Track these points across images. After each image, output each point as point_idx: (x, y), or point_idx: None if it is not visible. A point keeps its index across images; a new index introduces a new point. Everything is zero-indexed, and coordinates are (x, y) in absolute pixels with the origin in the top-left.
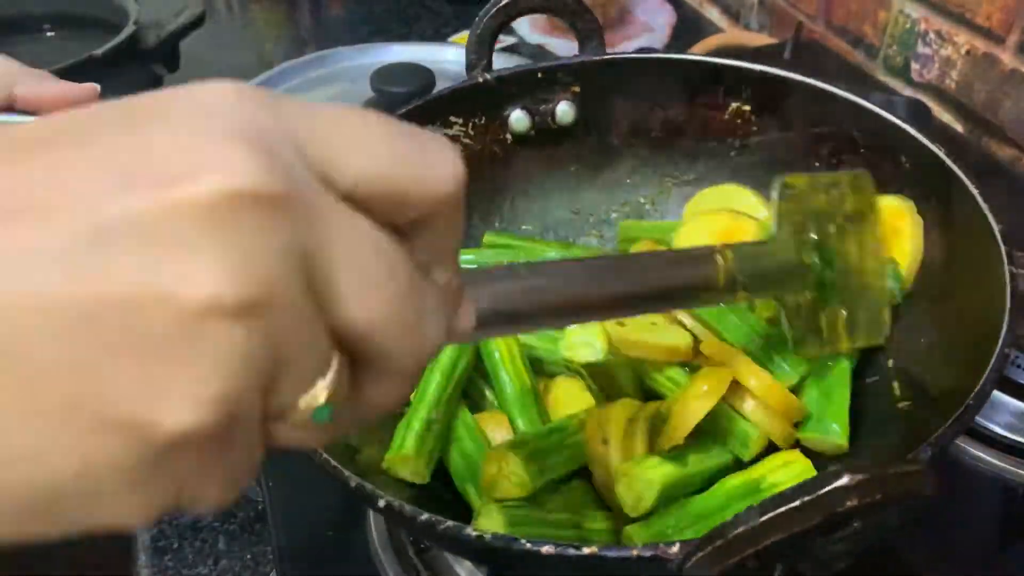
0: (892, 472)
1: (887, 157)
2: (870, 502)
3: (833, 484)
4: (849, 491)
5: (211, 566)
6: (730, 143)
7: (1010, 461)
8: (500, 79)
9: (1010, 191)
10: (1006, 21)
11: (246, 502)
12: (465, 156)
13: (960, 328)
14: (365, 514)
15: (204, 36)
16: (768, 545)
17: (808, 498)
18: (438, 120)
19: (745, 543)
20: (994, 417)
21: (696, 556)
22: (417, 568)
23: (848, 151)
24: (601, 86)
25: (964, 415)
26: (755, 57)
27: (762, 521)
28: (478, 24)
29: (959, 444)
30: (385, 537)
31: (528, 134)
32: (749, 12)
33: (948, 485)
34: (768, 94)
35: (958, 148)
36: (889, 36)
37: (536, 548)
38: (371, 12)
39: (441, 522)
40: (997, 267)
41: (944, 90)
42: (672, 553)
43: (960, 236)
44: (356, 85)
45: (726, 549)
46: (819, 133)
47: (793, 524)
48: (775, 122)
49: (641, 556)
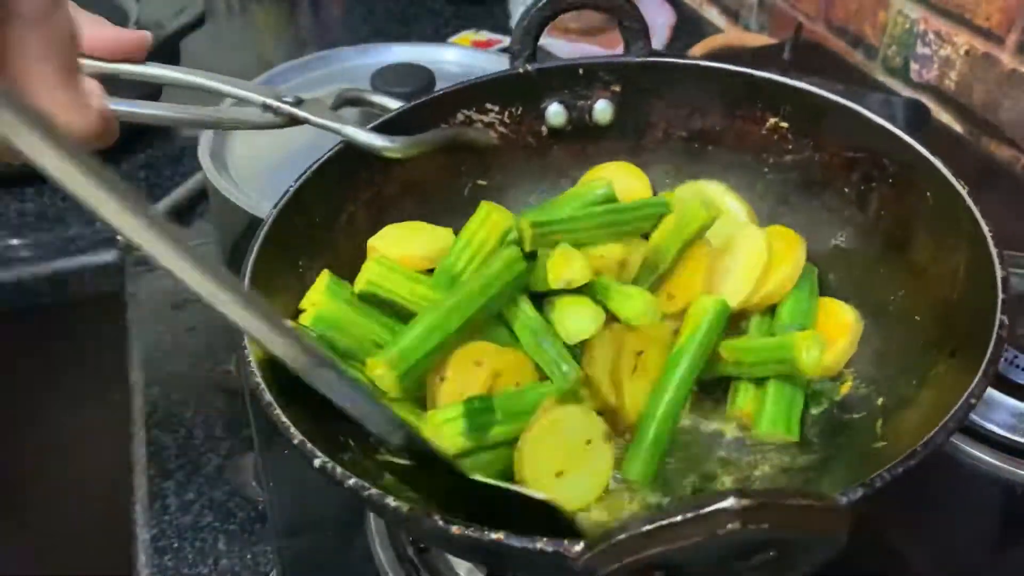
0: (786, 503)
1: (913, 189)
2: (755, 529)
3: (716, 505)
4: (731, 514)
5: (211, 566)
6: (764, 159)
7: (1009, 461)
8: (541, 71)
9: (1009, 191)
10: (1006, 21)
11: (246, 502)
12: (499, 144)
13: (947, 370)
14: (365, 514)
15: (204, 36)
16: (653, 556)
17: (689, 515)
18: (474, 105)
19: (629, 550)
20: (993, 417)
21: (587, 555)
22: (417, 568)
23: (878, 179)
24: (642, 88)
25: (907, 459)
26: (754, 57)
27: (643, 531)
28: (525, 15)
29: (958, 444)
30: (385, 537)
31: (564, 129)
32: (749, 12)
33: (947, 485)
34: (805, 112)
35: (976, 190)
36: (888, 36)
37: (446, 527)
38: (371, 12)
39: (365, 488)
40: (990, 313)
41: (943, 90)
42: (575, 551)
43: (965, 275)
44: (356, 85)
45: (613, 553)
46: (852, 158)
47: (674, 538)
48: (810, 142)
49: (543, 550)
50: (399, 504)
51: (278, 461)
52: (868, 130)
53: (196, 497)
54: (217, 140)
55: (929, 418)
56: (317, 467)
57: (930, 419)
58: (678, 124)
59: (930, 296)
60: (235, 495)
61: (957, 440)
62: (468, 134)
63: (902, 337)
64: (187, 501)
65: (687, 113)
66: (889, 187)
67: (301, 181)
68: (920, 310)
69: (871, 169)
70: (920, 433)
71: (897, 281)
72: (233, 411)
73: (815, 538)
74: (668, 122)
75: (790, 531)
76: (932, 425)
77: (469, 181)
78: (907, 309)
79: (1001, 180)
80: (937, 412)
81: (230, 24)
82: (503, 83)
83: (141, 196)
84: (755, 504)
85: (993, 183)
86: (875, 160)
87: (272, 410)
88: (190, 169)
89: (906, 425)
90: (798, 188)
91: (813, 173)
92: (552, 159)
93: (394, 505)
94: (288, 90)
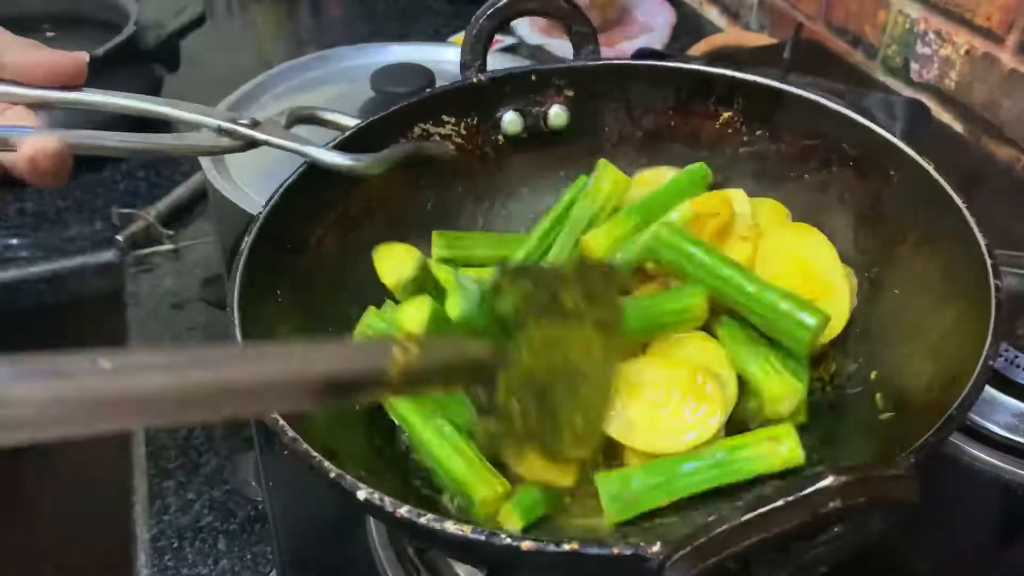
0: (878, 475)
1: (876, 170)
2: (854, 504)
3: (817, 485)
4: (833, 492)
5: (211, 566)
6: (720, 152)
7: (1009, 461)
8: (494, 80)
9: (1009, 191)
10: (1005, 21)
11: (246, 502)
12: (457, 156)
13: (945, 339)
14: (365, 514)
15: (204, 36)
16: (749, 546)
17: (791, 498)
18: (430, 118)
19: (726, 543)
20: (993, 417)
21: (676, 556)
22: (417, 568)
23: (838, 163)
24: (594, 91)
25: (947, 424)
26: (754, 58)
27: (743, 521)
28: (474, 24)
29: (958, 444)
30: (385, 537)
31: (520, 136)
32: (749, 12)
33: (947, 485)
34: (759, 104)
35: (947, 162)
36: (888, 36)
37: (516, 544)
38: (371, 12)
39: (422, 514)
40: (983, 280)
41: (943, 90)
42: (653, 552)
43: (946, 249)
44: (356, 85)
45: (706, 549)
46: (810, 145)
47: (775, 525)
48: (766, 133)
49: (621, 554)
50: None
51: (278, 461)
52: (824, 116)
53: (196, 497)
54: None
55: (937, 384)
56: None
57: (940, 385)
58: (633, 124)
59: (909, 269)
60: (235, 495)
61: (957, 440)
62: (428, 148)
63: (887, 310)
64: (187, 501)
65: (641, 113)
66: (850, 171)
67: (270, 207)
68: (899, 284)
69: (829, 155)
70: (934, 400)
71: (872, 258)
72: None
73: (897, 507)
74: (623, 123)
75: (881, 503)
76: (946, 390)
77: (432, 195)
78: (887, 283)
79: (1001, 180)
80: (945, 377)
81: (230, 24)
82: (457, 94)
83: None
84: (852, 480)
85: (993, 183)
86: (833, 146)
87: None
88: (190, 169)
89: (910, 395)
90: (757, 178)
91: (771, 163)
92: (510, 167)
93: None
94: (288, 90)
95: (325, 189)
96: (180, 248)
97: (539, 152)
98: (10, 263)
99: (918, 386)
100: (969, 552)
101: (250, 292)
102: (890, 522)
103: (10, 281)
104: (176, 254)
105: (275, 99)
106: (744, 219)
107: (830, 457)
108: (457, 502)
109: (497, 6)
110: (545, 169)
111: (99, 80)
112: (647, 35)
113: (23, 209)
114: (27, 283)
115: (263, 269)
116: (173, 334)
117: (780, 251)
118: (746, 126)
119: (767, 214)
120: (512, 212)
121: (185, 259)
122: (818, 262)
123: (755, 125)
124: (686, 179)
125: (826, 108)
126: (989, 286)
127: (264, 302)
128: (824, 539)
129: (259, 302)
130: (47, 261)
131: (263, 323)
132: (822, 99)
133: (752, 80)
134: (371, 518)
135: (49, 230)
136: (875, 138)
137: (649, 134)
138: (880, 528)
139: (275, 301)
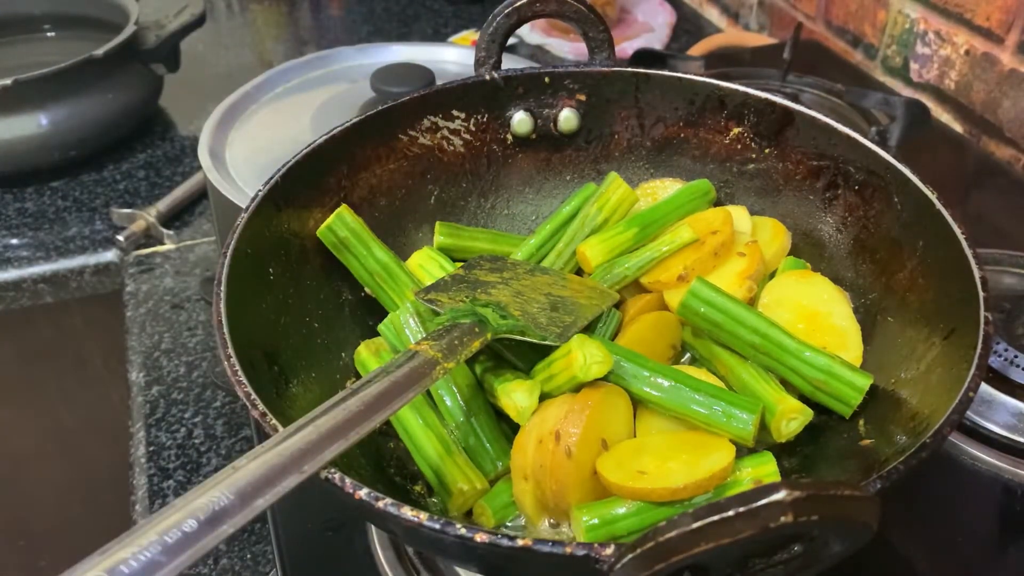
0: (833, 493)
1: (881, 195)
2: (807, 521)
3: (769, 498)
4: (784, 507)
5: (211, 566)
6: (728, 167)
7: (1009, 461)
8: (507, 79)
9: (1009, 191)
10: (1005, 21)
11: None
12: (464, 150)
13: (930, 369)
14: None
15: (204, 36)
16: (697, 553)
17: (742, 509)
18: (440, 112)
19: (676, 549)
20: (993, 417)
21: (626, 558)
22: (417, 568)
23: (844, 186)
24: (607, 97)
25: (920, 452)
26: (754, 58)
27: (693, 528)
28: (491, 22)
29: (958, 444)
30: (385, 537)
31: (529, 136)
32: (748, 12)
33: (948, 485)
34: (770, 122)
35: (946, 162)
36: (888, 36)
37: (470, 534)
38: (371, 12)
39: (380, 498)
40: (974, 314)
41: (943, 90)
42: (605, 555)
43: (942, 281)
44: (356, 85)
45: (655, 554)
46: (817, 166)
47: (725, 535)
48: (774, 151)
49: (574, 554)
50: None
51: None
52: (833, 138)
53: None
54: (217, 140)
55: (919, 413)
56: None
57: (921, 414)
58: (643, 133)
59: (904, 298)
60: None
61: (957, 440)
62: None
63: (880, 337)
64: None
65: (652, 122)
66: (855, 194)
67: (270, 185)
68: (892, 311)
69: (836, 176)
70: (913, 428)
71: (868, 284)
72: (233, 411)
73: (854, 528)
74: (633, 131)
75: (836, 522)
76: (926, 419)
77: (436, 188)
78: (880, 310)
79: (1001, 180)
80: (927, 407)
81: (230, 24)
82: (469, 89)
83: None
84: (805, 495)
85: (993, 183)
86: (840, 168)
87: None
88: (190, 169)
89: (892, 422)
90: (761, 195)
91: (777, 181)
92: (516, 167)
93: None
94: (288, 90)
95: (327, 173)
96: (180, 248)
97: (546, 154)
98: (10, 263)
99: (902, 415)
100: (969, 552)
101: (244, 264)
102: (853, 547)
103: (10, 281)
104: (176, 254)
105: (275, 99)
106: (744, 237)
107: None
108: (433, 499)
109: (516, 5)
110: (551, 172)
111: (99, 80)
112: (647, 35)
113: (23, 209)
114: (27, 283)
115: (257, 244)
116: (173, 334)
117: (786, 299)
118: (755, 143)
119: (767, 233)
120: (514, 212)
121: (185, 259)
122: (825, 308)
123: (764, 142)
124: (688, 194)
125: (836, 131)
126: (979, 320)
127: (255, 278)
128: (784, 557)
129: (248, 278)
130: (47, 261)
131: (248, 294)
132: (833, 122)
133: (765, 98)
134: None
135: (49, 230)
136: (881, 163)
137: (658, 144)
138: (840, 551)
139: (266, 277)
